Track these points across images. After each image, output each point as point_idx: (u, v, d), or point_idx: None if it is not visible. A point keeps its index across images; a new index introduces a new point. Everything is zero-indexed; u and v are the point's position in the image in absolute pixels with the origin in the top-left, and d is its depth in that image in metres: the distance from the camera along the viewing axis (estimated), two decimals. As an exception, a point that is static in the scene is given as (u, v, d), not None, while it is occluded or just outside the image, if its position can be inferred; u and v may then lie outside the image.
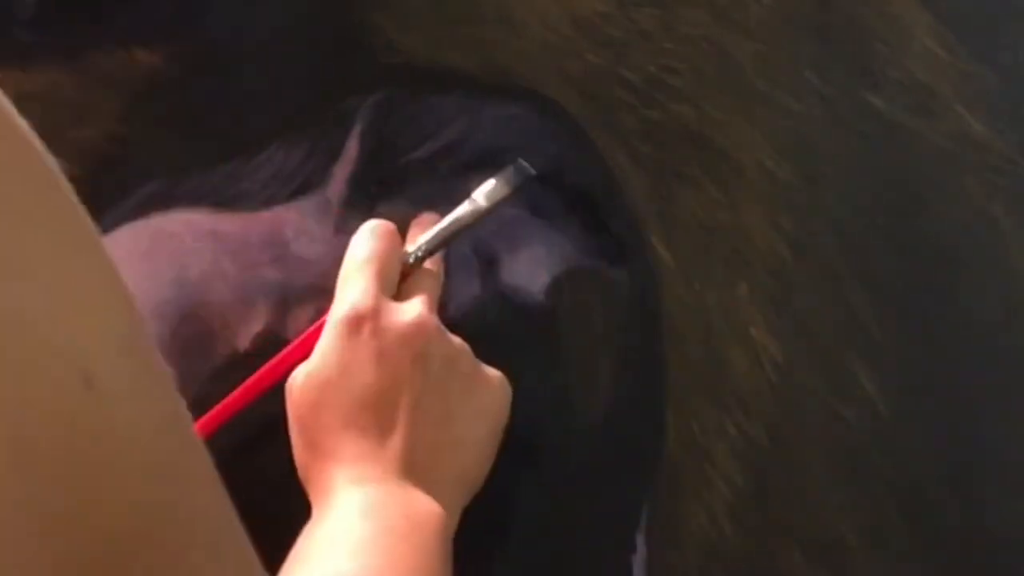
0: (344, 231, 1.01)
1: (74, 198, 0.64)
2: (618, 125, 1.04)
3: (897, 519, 1.07)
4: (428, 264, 0.98)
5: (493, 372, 0.96)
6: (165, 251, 1.00)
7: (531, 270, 1.01)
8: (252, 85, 1.03)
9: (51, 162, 0.64)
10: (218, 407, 0.95)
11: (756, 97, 1.06)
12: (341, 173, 1.02)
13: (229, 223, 1.01)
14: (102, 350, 0.62)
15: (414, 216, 1.02)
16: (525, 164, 1.00)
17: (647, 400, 1.04)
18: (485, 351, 1.00)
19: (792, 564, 1.06)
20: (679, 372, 1.04)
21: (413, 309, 0.94)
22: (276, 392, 0.95)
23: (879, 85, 1.09)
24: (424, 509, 0.91)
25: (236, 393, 0.96)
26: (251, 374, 0.99)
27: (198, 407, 0.96)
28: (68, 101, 1.02)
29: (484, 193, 0.99)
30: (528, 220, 1.02)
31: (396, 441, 0.91)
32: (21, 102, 0.68)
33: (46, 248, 0.61)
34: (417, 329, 0.93)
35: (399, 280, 0.96)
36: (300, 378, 0.93)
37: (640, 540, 1.04)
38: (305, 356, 0.94)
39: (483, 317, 1.00)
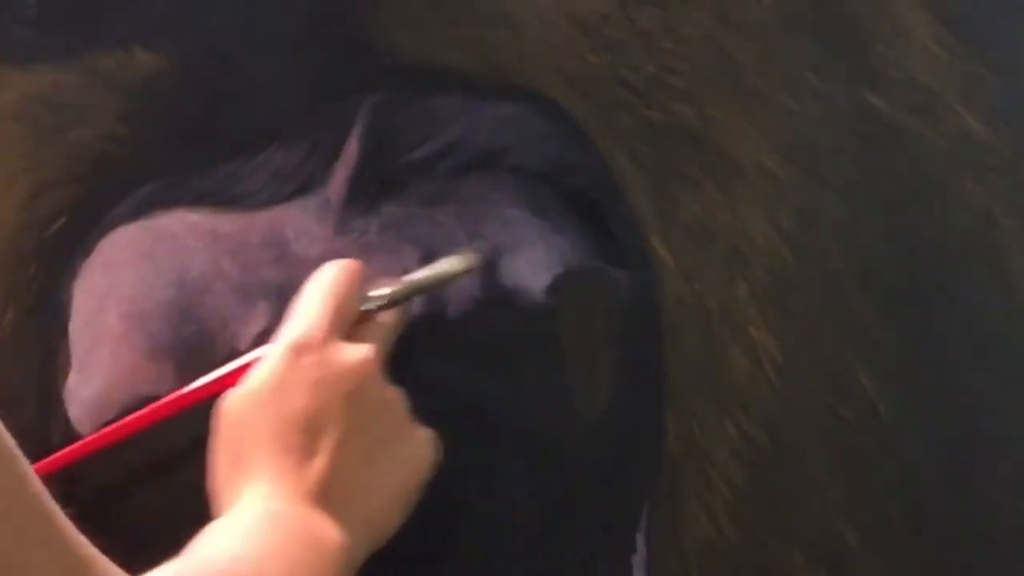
0: (344, 231, 1.01)
1: None
2: (618, 125, 1.04)
3: (897, 519, 1.07)
4: (388, 315, 0.97)
5: (424, 430, 0.96)
6: (165, 251, 1.00)
7: (531, 270, 1.01)
8: (252, 85, 1.03)
9: None
10: (135, 416, 0.96)
11: (756, 97, 1.06)
12: (341, 173, 1.02)
13: (229, 223, 1.01)
14: None
15: (414, 216, 1.02)
16: (479, 253, 1.00)
17: (647, 400, 1.04)
18: (485, 351, 1.00)
19: (792, 564, 1.06)
20: (679, 372, 1.04)
21: (358, 352, 0.94)
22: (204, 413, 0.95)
23: (879, 85, 1.09)
24: (328, 536, 0.91)
25: (159, 404, 0.96)
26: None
27: (198, 408, 0.96)
28: (68, 101, 1.02)
29: (451, 260, 0.99)
30: (528, 220, 1.02)
31: (316, 467, 0.92)
32: (22, 102, 0.68)
33: None
34: (357, 370, 0.94)
35: (354, 323, 0.96)
36: (234, 395, 0.94)
37: (640, 540, 1.04)
38: (234, 383, 0.95)
39: (483, 317, 1.00)
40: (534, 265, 1.00)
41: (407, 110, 1.03)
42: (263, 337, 0.98)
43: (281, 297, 0.99)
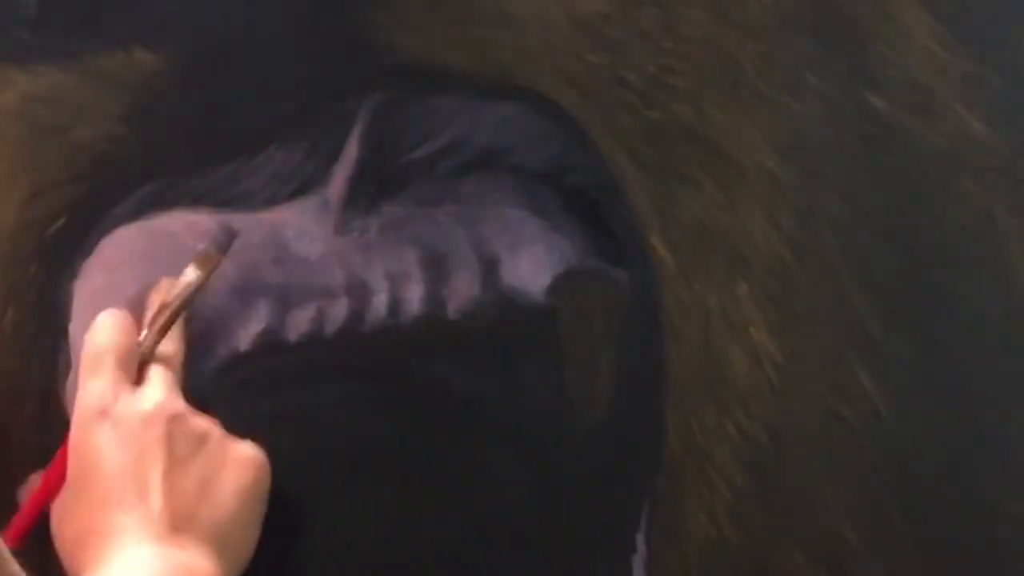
0: (344, 231, 1.01)
1: None
2: (618, 125, 1.04)
3: (897, 519, 1.07)
4: (166, 344, 0.97)
5: (247, 448, 0.96)
6: (165, 251, 1.00)
7: (531, 270, 1.00)
8: (252, 85, 1.03)
9: None
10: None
11: (756, 97, 1.06)
12: (341, 173, 1.02)
13: (229, 223, 1.01)
14: None
15: (414, 216, 1.02)
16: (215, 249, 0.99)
17: (647, 400, 1.04)
18: (485, 351, 1.00)
19: (792, 564, 1.05)
20: (679, 372, 1.04)
21: (152, 395, 0.94)
22: None
23: (879, 85, 1.09)
24: (197, 565, 0.91)
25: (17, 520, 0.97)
26: (251, 374, 0.99)
27: (198, 407, 0.96)
28: (68, 101, 1.02)
29: (192, 266, 0.98)
30: (528, 220, 1.02)
31: (155, 504, 0.92)
32: (22, 102, 0.68)
33: None
34: (157, 413, 0.94)
35: (140, 364, 0.96)
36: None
37: (640, 540, 1.04)
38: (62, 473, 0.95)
39: (483, 317, 1.00)
40: (534, 265, 1.00)
41: (407, 110, 1.03)
42: (263, 337, 0.98)
43: (281, 297, 0.99)
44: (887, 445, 1.07)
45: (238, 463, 0.95)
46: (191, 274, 0.97)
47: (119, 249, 1.01)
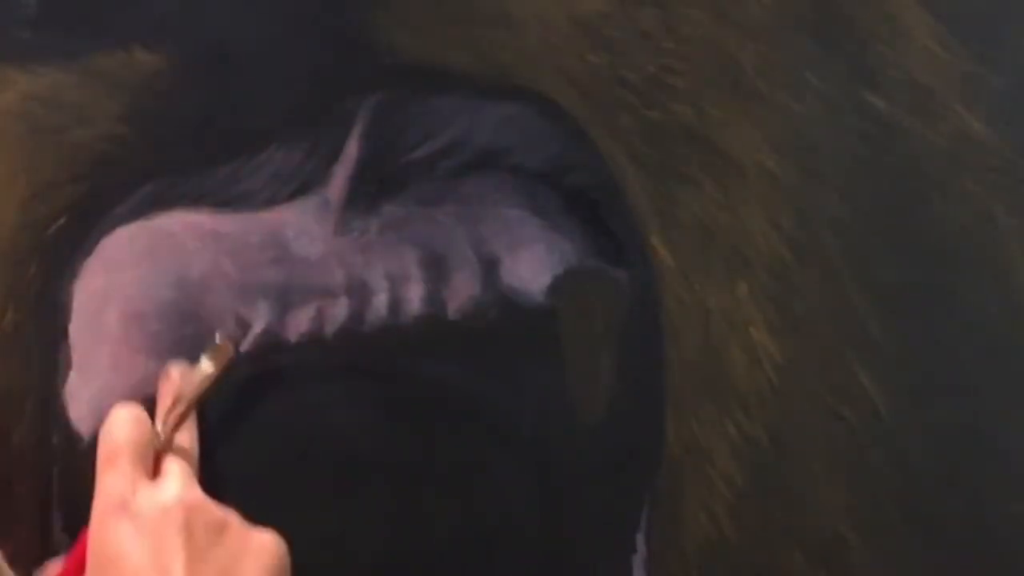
0: (344, 231, 1.01)
1: None
2: (618, 125, 1.04)
3: (897, 519, 1.07)
4: (181, 435, 0.97)
5: (266, 535, 0.95)
6: (165, 251, 1.00)
7: (531, 270, 1.00)
8: (252, 85, 1.03)
9: None
10: None
11: (756, 97, 1.06)
12: (341, 173, 1.02)
13: (229, 223, 1.01)
14: None
15: (414, 216, 1.01)
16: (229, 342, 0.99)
17: (647, 400, 1.04)
18: (485, 351, 1.00)
19: (792, 564, 1.05)
20: (679, 372, 1.04)
21: (171, 487, 0.94)
22: None
23: (879, 85, 1.09)
24: None
25: None
26: (251, 374, 0.99)
27: (199, 407, 0.96)
28: (68, 101, 1.02)
29: (206, 357, 0.98)
30: (528, 220, 1.02)
31: None
32: (22, 102, 0.68)
33: None
34: (176, 504, 0.93)
35: (156, 457, 0.96)
36: None
37: (640, 540, 1.04)
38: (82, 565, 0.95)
39: (483, 317, 1.00)
40: (534, 265, 1.00)
41: (407, 110, 1.03)
42: (263, 337, 0.98)
43: (281, 297, 0.99)
44: (887, 445, 1.07)
45: (259, 551, 0.95)
46: (205, 366, 0.97)
47: (119, 249, 1.01)
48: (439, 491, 1.00)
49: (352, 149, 1.02)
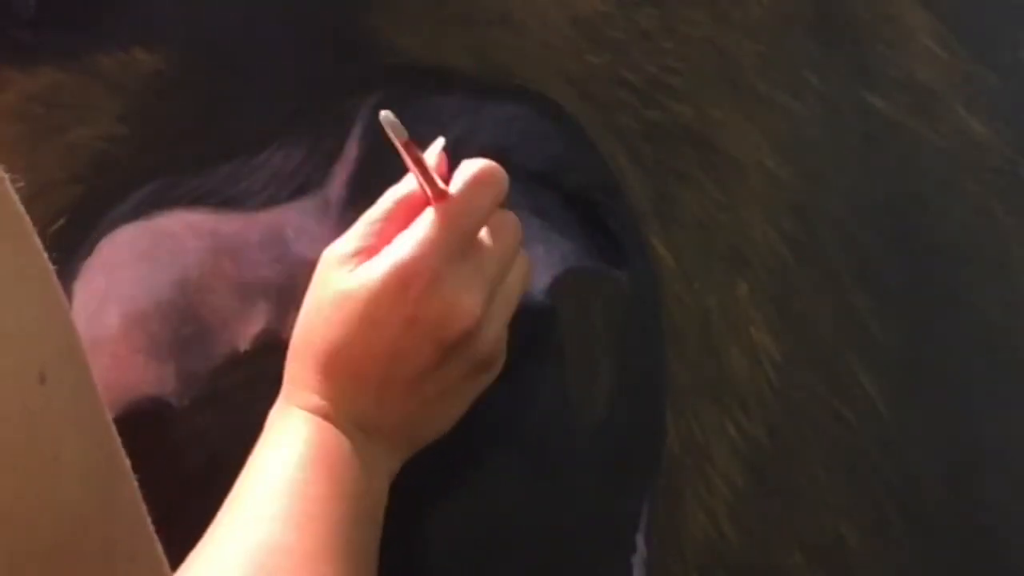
0: (344, 231, 1.01)
1: (19, 208, 0.65)
2: (618, 125, 1.04)
3: (897, 519, 1.07)
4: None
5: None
6: (165, 251, 1.00)
7: (531, 270, 1.01)
8: (252, 85, 1.03)
9: None
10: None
11: (756, 97, 1.06)
12: (341, 173, 1.02)
13: (229, 223, 1.01)
14: (51, 351, 0.63)
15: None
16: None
17: (647, 400, 1.04)
18: (485, 351, 0.99)
19: (792, 564, 1.06)
20: (679, 372, 1.04)
21: (467, 301, 0.92)
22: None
23: (879, 85, 1.09)
24: (374, 467, 0.92)
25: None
26: (251, 374, 0.99)
27: (198, 407, 0.96)
28: (68, 101, 1.02)
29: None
30: (528, 220, 1.02)
31: (378, 410, 0.92)
32: (21, 102, 0.68)
33: None
34: (457, 325, 0.92)
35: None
36: (344, 283, 0.92)
37: (640, 540, 1.04)
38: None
39: (483, 317, 1.00)
40: (534, 265, 1.00)
41: (407, 110, 1.03)
42: (263, 337, 0.98)
43: (281, 297, 0.99)
44: (887, 445, 1.07)
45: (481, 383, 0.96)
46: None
47: (119, 249, 1.01)
48: (439, 491, 1.00)
49: (352, 149, 1.02)
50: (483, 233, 0.94)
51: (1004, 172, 1.11)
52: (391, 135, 0.91)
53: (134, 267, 1.00)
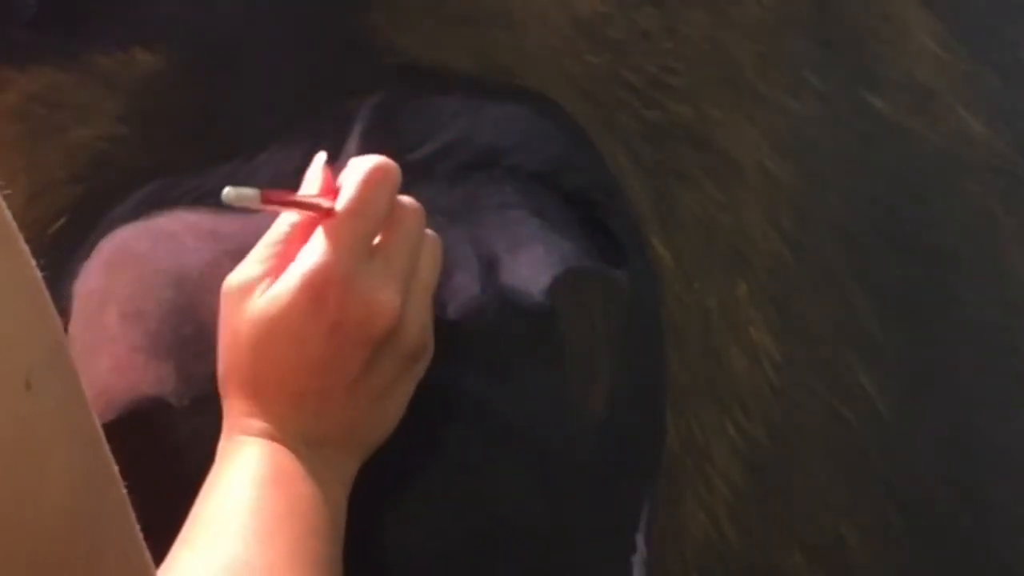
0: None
1: (5, 214, 0.65)
2: (618, 125, 1.04)
3: (897, 519, 1.07)
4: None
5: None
6: (165, 251, 1.00)
7: (531, 270, 1.00)
8: (252, 85, 1.03)
9: None
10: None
11: (756, 97, 1.06)
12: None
13: (229, 223, 1.01)
14: (38, 357, 0.63)
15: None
16: None
17: (647, 400, 1.04)
18: (485, 351, 1.00)
19: (792, 564, 1.05)
20: (679, 372, 1.04)
21: (384, 296, 0.92)
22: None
23: (879, 85, 1.09)
24: (329, 477, 0.92)
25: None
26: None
27: (198, 407, 0.96)
28: (68, 101, 1.02)
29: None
30: (528, 220, 1.02)
31: (319, 418, 0.92)
32: (21, 102, 0.68)
33: None
34: (378, 321, 0.92)
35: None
36: (257, 306, 0.92)
37: (640, 540, 1.04)
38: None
39: (483, 317, 1.00)
40: (534, 265, 1.00)
41: (407, 110, 1.03)
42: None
43: (281, 297, 0.99)
44: (887, 445, 1.07)
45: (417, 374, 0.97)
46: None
47: (119, 249, 1.01)
48: (439, 491, 0.99)
49: (352, 149, 1.02)
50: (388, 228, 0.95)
51: (1004, 172, 1.11)
52: (248, 206, 0.92)
53: (134, 267, 1.00)
